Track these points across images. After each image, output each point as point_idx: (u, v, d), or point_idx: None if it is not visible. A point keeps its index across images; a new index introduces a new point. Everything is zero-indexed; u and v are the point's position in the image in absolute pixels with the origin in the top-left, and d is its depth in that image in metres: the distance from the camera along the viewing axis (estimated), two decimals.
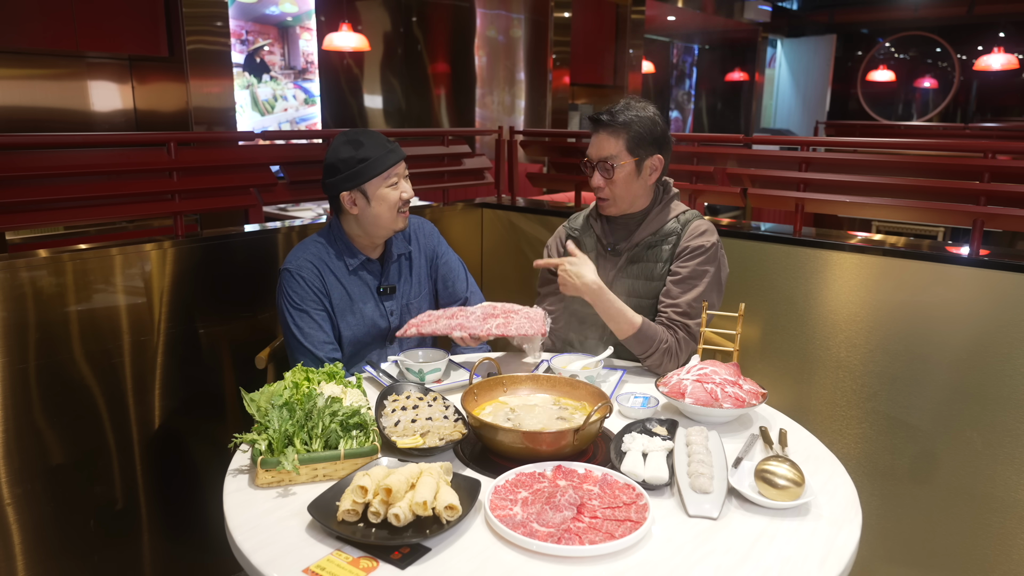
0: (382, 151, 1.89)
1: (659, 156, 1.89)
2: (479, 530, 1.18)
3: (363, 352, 2.03)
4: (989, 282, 1.98)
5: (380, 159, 1.88)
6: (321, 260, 1.95)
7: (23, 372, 1.86)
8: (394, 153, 1.91)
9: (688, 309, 1.86)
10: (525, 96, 6.54)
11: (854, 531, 1.21)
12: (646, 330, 1.82)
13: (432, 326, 1.84)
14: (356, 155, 1.87)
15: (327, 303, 1.94)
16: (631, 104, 1.88)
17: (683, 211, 1.96)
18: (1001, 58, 7.72)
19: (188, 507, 2.26)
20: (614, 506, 1.21)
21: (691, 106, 11.33)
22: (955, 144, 2.85)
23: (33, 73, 4.01)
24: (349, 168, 1.88)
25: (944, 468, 2.10)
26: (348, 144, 1.89)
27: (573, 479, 1.29)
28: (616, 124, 1.86)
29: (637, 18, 7.16)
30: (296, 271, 1.91)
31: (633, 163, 1.87)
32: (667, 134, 1.91)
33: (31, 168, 1.86)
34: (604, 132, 1.88)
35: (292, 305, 1.90)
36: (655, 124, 1.87)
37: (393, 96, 6.26)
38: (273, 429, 1.33)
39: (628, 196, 1.91)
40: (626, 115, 1.86)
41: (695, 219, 1.95)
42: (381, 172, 1.88)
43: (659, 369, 1.83)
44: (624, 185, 1.89)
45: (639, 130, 1.85)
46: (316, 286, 1.92)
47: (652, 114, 1.88)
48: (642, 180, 1.90)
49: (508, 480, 1.28)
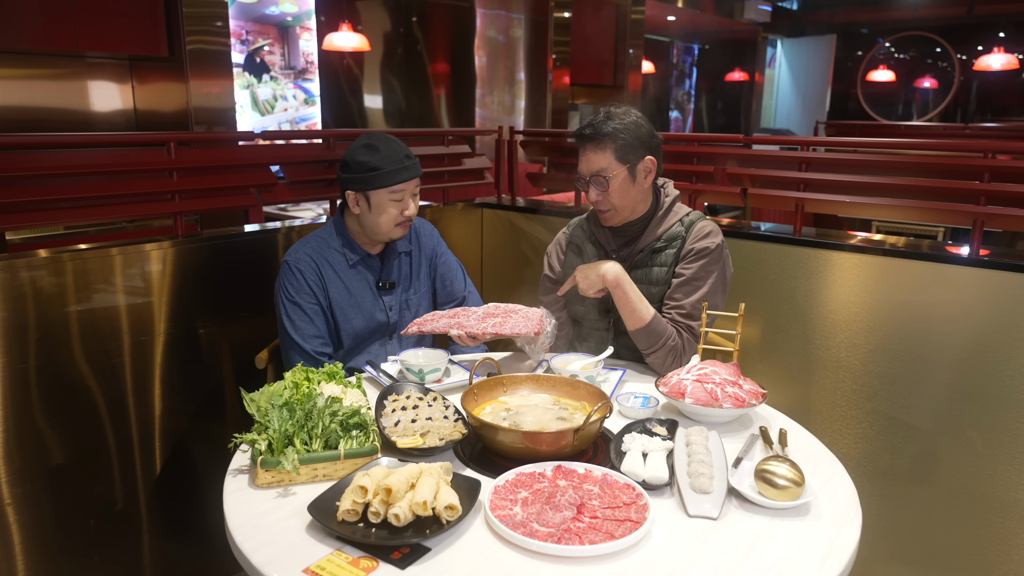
0: (395, 165, 1.90)
1: (650, 158, 1.88)
2: (479, 530, 1.18)
3: (363, 346, 2.05)
4: (989, 282, 1.98)
5: (390, 173, 1.90)
6: (320, 254, 1.98)
7: (23, 372, 1.86)
8: (407, 171, 1.92)
9: (692, 311, 1.86)
10: (525, 96, 6.54)
11: (854, 531, 1.21)
12: (656, 325, 1.82)
13: (433, 324, 1.85)
14: (369, 161, 1.89)
15: (323, 297, 1.96)
16: (611, 113, 1.86)
17: (687, 213, 1.96)
18: (1001, 58, 7.72)
19: (188, 507, 2.26)
20: (614, 506, 1.21)
21: (691, 106, 11.33)
22: (955, 144, 2.85)
23: (33, 73, 4.01)
24: (360, 171, 1.90)
25: (944, 468, 2.10)
26: (366, 148, 1.91)
27: (573, 479, 1.29)
28: (600, 136, 1.84)
29: (637, 18, 7.16)
30: (294, 264, 1.95)
31: (625, 171, 1.86)
32: (653, 134, 1.90)
33: (31, 168, 1.86)
34: (590, 147, 1.87)
35: (287, 297, 1.94)
36: (639, 127, 1.86)
37: (393, 96, 6.26)
38: (273, 429, 1.33)
39: (628, 204, 1.90)
40: (608, 126, 1.84)
41: (699, 220, 1.94)
42: (388, 186, 1.90)
43: (662, 367, 1.83)
44: (621, 194, 1.88)
45: (625, 137, 1.83)
46: (312, 280, 1.95)
47: (635, 118, 1.87)
48: (638, 185, 1.89)
49: (508, 480, 1.28)
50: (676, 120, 11.18)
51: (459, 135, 3.09)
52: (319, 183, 2.48)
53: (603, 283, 1.84)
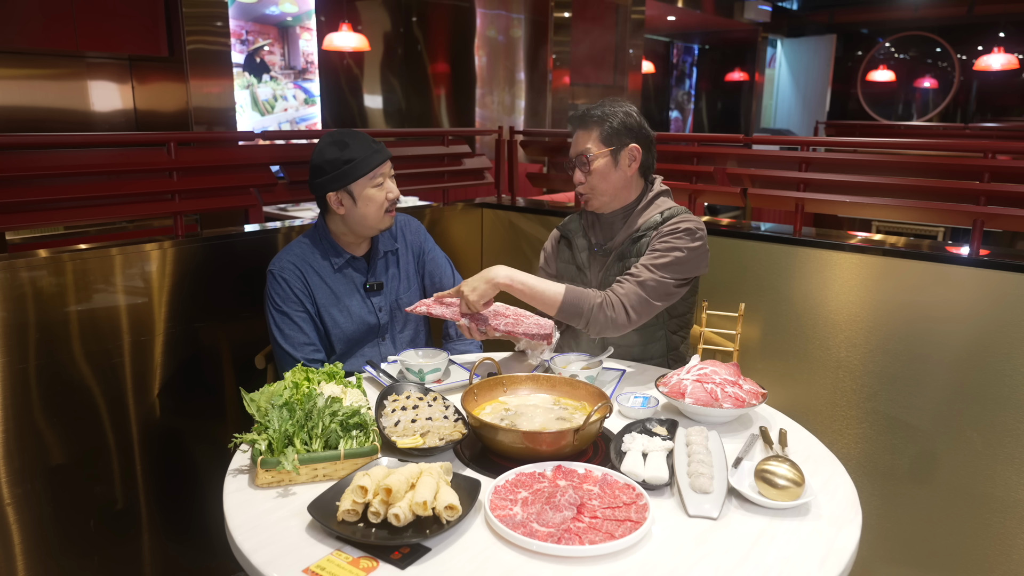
0: (368, 151, 1.90)
1: (635, 146, 1.90)
2: (479, 530, 1.18)
3: (355, 349, 2.04)
4: (989, 282, 1.98)
5: (365, 160, 1.90)
6: (304, 261, 1.97)
7: (23, 372, 1.86)
8: (379, 153, 1.92)
9: (639, 270, 1.81)
10: (525, 96, 6.55)
11: (854, 531, 1.21)
12: (570, 298, 1.77)
13: (441, 308, 1.83)
14: (342, 156, 1.89)
15: (310, 304, 1.96)
16: (604, 102, 1.93)
17: (669, 207, 1.93)
18: (1001, 58, 7.72)
19: (188, 507, 2.26)
20: (614, 506, 1.21)
21: (691, 106, 11.34)
22: (955, 144, 2.85)
23: (33, 73, 4.01)
24: (335, 169, 1.89)
25: (944, 468, 2.10)
26: (333, 145, 1.90)
27: (573, 479, 1.29)
28: (588, 119, 1.91)
29: (637, 18, 7.16)
30: (279, 273, 1.95)
31: (608, 153, 1.88)
32: (644, 126, 1.92)
33: (31, 168, 1.86)
34: (579, 130, 1.93)
35: (274, 307, 1.94)
36: (628, 116, 1.90)
37: (393, 96, 6.26)
38: (273, 429, 1.33)
39: (608, 189, 1.91)
40: (599, 111, 1.91)
41: (681, 213, 1.91)
42: (367, 172, 1.90)
43: (607, 331, 1.78)
44: (601, 176, 1.89)
45: (612, 122, 1.88)
46: (298, 288, 1.94)
47: (627, 108, 1.92)
48: (620, 171, 1.90)
49: (508, 480, 1.28)
50: (676, 120, 11.19)
51: (459, 135, 3.09)
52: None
53: (494, 287, 1.76)
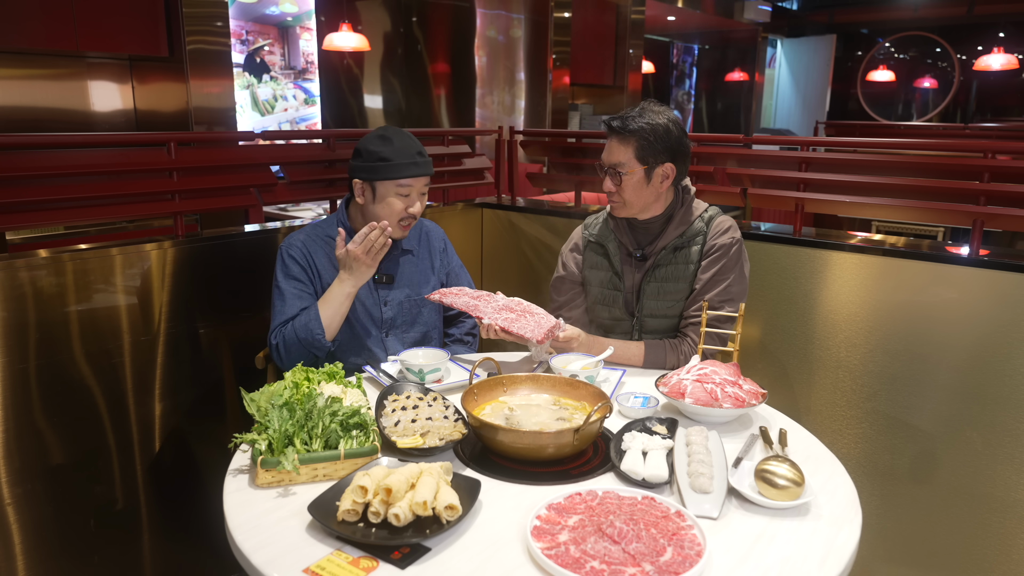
0: (406, 159, 1.91)
1: (670, 164, 1.88)
2: (479, 530, 1.18)
3: (357, 341, 2.02)
4: (989, 282, 1.98)
5: (399, 166, 1.90)
6: (315, 241, 2.00)
7: (23, 372, 1.86)
8: (417, 167, 1.92)
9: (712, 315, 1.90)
10: (525, 96, 6.54)
11: (854, 531, 1.21)
12: (651, 355, 1.91)
13: (454, 299, 1.89)
14: (380, 151, 1.90)
15: (314, 281, 1.98)
16: (645, 110, 1.87)
17: (705, 208, 1.98)
18: (1001, 58, 7.72)
19: (188, 507, 2.26)
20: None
21: (691, 106, 11.33)
22: (955, 144, 2.85)
23: (33, 73, 4.01)
24: (370, 160, 1.91)
25: (944, 468, 2.10)
26: (380, 138, 1.92)
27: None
28: (626, 131, 1.85)
29: (637, 18, 7.15)
30: (285, 250, 1.98)
31: (642, 171, 1.87)
32: (682, 141, 1.88)
33: (31, 168, 1.86)
34: (615, 139, 1.88)
35: (276, 283, 1.97)
36: (668, 132, 1.85)
37: (393, 96, 6.26)
38: (273, 429, 1.33)
39: (639, 202, 1.92)
40: (638, 122, 1.84)
41: (718, 215, 1.97)
42: (395, 178, 1.91)
43: (676, 365, 1.91)
44: (633, 191, 1.89)
45: (650, 139, 1.84)
46: (296, 268, 1.96)
47: (666, 121, 1.85)
48: (652, 188, 1.90)
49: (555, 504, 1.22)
50: None
51: (459, 135, 3.09)
52: (319, 183, 2.48)
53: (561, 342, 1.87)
